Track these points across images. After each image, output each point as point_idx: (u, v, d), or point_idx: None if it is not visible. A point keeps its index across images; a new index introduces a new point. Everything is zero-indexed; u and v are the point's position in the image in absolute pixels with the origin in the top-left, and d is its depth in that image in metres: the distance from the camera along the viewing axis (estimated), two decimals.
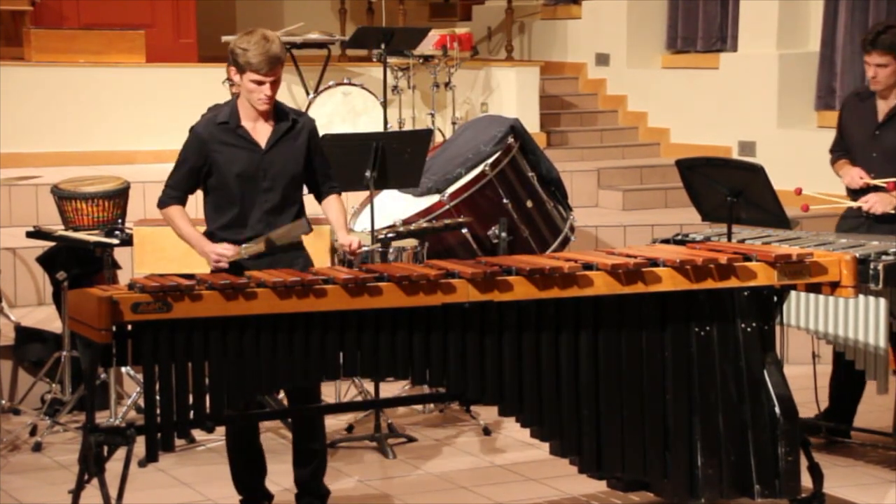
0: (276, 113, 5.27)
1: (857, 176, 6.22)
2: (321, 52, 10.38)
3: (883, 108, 6.26)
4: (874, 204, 6.12)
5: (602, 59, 11.61)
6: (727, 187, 5.82)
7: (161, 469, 5.94)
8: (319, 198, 5.45)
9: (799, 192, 6.08)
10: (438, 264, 4.94)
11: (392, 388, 7.01)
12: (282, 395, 6.35)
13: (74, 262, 6.67)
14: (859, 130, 6.34)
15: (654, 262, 4.96)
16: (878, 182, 6.14)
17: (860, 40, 6.34)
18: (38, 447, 6.30)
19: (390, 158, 6.34)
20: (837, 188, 6.44)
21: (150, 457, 4.70)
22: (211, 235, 5.27)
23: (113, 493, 4.64)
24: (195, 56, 11.04)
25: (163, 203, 5.32)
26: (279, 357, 4.67)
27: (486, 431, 6.56)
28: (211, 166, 5.22)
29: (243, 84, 5.16)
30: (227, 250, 5.17)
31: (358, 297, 4.67)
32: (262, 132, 5.24)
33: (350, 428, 6.55)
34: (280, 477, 5.53)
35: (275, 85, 5.15)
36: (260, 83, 5.12)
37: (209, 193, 5.30)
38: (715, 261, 5.00)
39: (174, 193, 5.29)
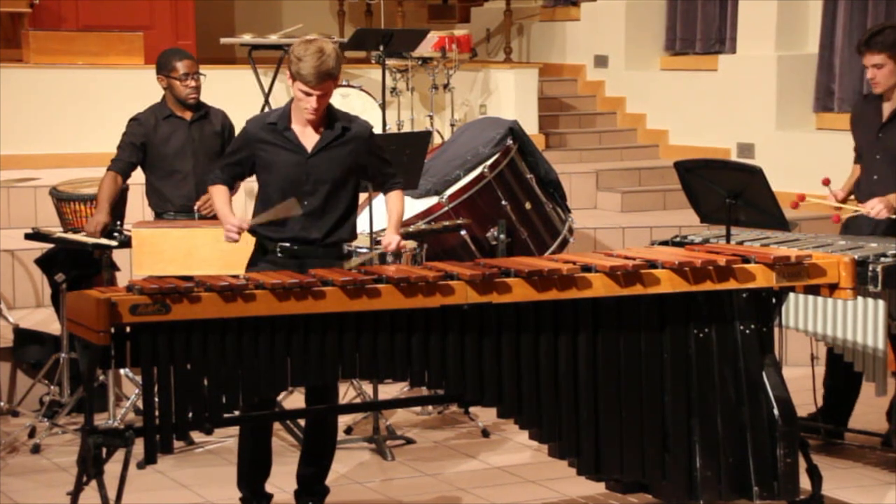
0: (329, 119, 5.30)
1: (831, 196, 6.24)
2: None
3: (887, 109, 6.23)
4: (880, 210, 6.05)
5: (601, 61, 11.61)
6: (726, 189, 5.82)
7: (160, 471, 5.93)
8: (384, 195, 5.53)
9: (802, 198, 6.09)
10: (437, 266, 4.94)
11: (391, 390, 7.01)
12: (281, 396, 6.37)
13: (73, 264, 6.66)
14: (864, 132, 6.32)
15: (652, 264, 4.96)
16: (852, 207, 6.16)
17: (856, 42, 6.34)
18: (36, 449, 6.30)
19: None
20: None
21: (149, 459, 4.69)
22: (252, 231, 5.35)
23: (112, 494, 4.63)
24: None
25: (211, 181, 5.49)
26: (277, 359, 4.67)
27: (485, 433, 6.56)
28: (255, 163, 5.33)
29: (294, 90, 5.21)
30: (236, 221, 5.27)
31: (356, 299, 4.67)
32: (310, 137, 5.28)
33: (349, 430, 6.55)
34: (279, 479, 5.52)
35: (322, 98, 5.18)
36: (308, 94, 5.15)
37: (259, 188, 5.41)
38: (713, 262, 5.00)
39: (221, 175, 5.45)
